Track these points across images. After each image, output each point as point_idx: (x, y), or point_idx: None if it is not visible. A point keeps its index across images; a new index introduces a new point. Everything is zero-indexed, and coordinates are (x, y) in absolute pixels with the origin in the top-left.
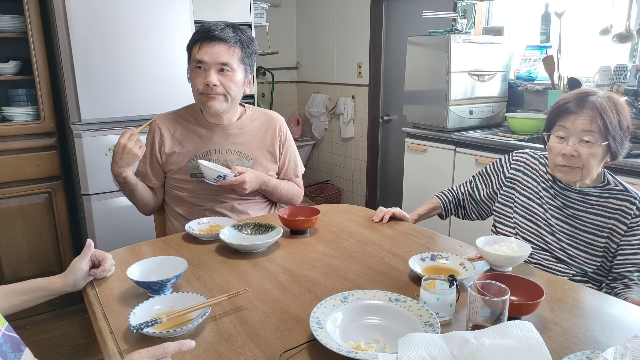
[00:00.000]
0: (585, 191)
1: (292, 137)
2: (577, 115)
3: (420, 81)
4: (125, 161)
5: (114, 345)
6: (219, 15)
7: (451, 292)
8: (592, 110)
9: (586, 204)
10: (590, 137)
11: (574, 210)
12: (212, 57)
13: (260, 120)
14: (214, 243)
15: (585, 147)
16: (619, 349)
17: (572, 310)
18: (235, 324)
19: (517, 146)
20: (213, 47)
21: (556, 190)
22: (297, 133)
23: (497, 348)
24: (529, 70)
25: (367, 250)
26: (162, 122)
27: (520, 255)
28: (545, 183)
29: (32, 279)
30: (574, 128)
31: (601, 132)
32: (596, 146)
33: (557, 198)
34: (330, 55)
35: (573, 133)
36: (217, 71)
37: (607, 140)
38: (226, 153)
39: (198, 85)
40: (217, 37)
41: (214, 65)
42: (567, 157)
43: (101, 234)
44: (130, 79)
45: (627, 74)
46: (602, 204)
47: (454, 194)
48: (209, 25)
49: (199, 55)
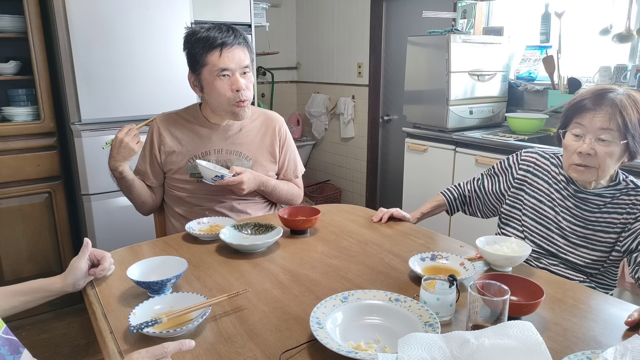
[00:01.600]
0: (600, 192)
1: (292, 137)
2: (595, 113)
3: (420, 81)
4: (122, 155)
5: (114, 345)
6: (218, 15)
7: (451, 292)
8: (611, 107)
9: (599, 204)
10: (608, 135)
11: (587, 212)
12: (236, 62)
13: (259, 120)
14: (214, 243)
15: (602, 146)
16: (619, 349)
17: (572, 310)
18: (235, 324)
19: (517, 146)
20: (233, 52)
21: (569, 192)
22: (297, 133)
23: (497, 348)
24: (529, 70)
25: (367, 250)
26: (162, 121)
27: (520, 255)
28: (558, 184)
29: (33, 280)
30: (592, 125)
31: (620, 130)
32: (614, 145)
33: (570, 199)
34: (330, 55)
35: (590, 131)
36: (241, 75)
37: (626, 138)
38: (226, 153)
39: (227, 94)
40: (235, 42)
41: (239, 70)
42: (583, 156)
43: (101, 234)
44: (130, 79)
45: (627, 74)
46: (614, 202)
47: (460, 190)
48: (210, 31)
49: (222, 63)
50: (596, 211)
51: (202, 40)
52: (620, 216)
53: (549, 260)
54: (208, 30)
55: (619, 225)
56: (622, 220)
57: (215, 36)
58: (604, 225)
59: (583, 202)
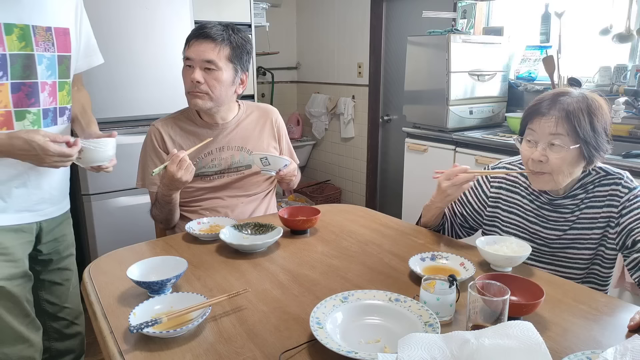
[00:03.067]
0: (572, 193)
1: (285, 129)
2: (545, 118)
3: (420, 81)
4: (175, 186)
5: (114, 345)
6: (218, 15)
7: (451, 292)
8: (559, 112)
9: (577, 203)
10: (559, 140)
11: (567, 214)
12: (198, 54)
13: (255, 114)
14: (214, 243)
15: (554, 152)
16: (619, 349)
17: (572, 310)
18: (235, 324)
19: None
20: (200, 45)
21: (543, 200)
22: (297, 133)
23: (497, 348)
24: (529, 70)
25: (367, 250)
26: (161, 126)
27: (520, 255)
28: (530, 195)
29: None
30: (542, 131)
31: (570, 135)
32: (564, 150)
33: (545, 207)
34: (330, 55)
35: (541, 137)
36: (203, 69)
37: (578, 143)
38: (227, 150)
39: (185, 81)
40: (204, 35)
41: (199, 63)
42: (535, 163)
43: (101, 234)
44: (130, 79)
45: (627, 74)
46: (589, 196)
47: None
48: (204, 24)
49: (187, 52)
50: (576, 211)
51: (188, 36)
52: (600, 210)
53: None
54: (202, 25)
55: (600, 220)
56: (603, 214)
57: (197, 29)
58: (585, 223)
59: (559, 207)
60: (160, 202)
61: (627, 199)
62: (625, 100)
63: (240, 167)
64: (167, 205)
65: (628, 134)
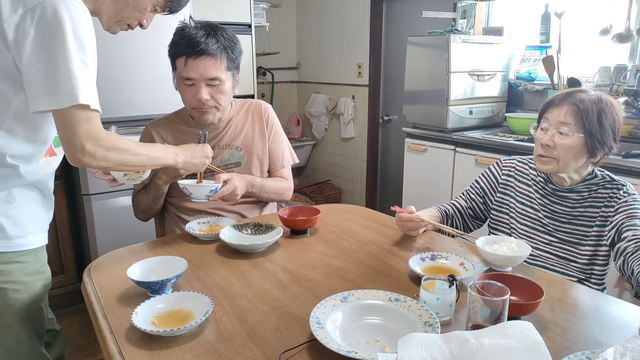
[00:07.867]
0: (576, 188)
1: (279, 124)
2: (557, 108)
3: (420, 81)
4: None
5: (114, 345)
6: (218, 15)
7: (451, 292)
8: (572, 105)
9: (578, 199)
10: (566, 128)
11: (568, 208)
12: (200, 74)
13: (244, 109)
14: (214, 243)
15: (560, 138)
16: (619, 349)
17: (572, 310)
18: (235, 324)
19: (517, 146)
20: (199, 63)
21: (548, 190)
22: (297, 133)
23: (497, 348)
24: (529, 70)
25: (367, 250)
26: (152, 127)
27: (520, 255)
28: (537, 185)
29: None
30: (554, 119)
31: (577, 124)
32: (569, 138)
33: (550, 197)
34: (330, 55)
35: (552, 124)
36: (206, 85)
37: (583, 134)
38: (217, 149)
39: (189, 100)
40: (201, 52)
41: (203, 81)
42: (544, 147)
43: (101, 234)
44: (130, 79)
45: (627, 74)
46: (592, 195)
47: (455, 207)
48: (189, 33)
49: (186, 72)
50: (577, 206)
51: (174, 44)
52: (598, 209)
53: (545, 258)
54: (190, 30)
55: (599, 219)
56: (601, 213)
57: (189, 44)
58: (584, 219)
59: (562, 199)
60: (151, 189)
61: (624, 201)
62: (625, 100)
63: (229, 165)
64: (156, 191)
65: (628, 134)
